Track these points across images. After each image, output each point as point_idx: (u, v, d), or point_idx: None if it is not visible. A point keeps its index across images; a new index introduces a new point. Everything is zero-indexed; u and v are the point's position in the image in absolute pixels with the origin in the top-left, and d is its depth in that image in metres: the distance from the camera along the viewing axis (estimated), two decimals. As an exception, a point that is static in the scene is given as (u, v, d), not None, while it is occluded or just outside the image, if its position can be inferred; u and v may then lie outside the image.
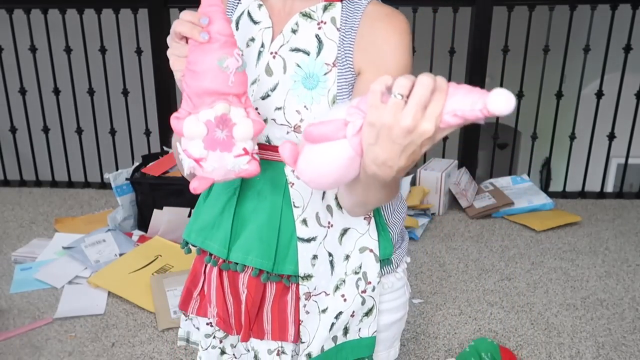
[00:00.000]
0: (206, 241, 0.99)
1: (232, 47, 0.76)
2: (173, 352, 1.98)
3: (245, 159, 0.78)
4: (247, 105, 0.78)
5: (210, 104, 0.76)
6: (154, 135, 3.43)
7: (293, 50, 0.89)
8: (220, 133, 0.76)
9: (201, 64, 0.76)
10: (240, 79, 0.77)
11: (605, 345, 2.03)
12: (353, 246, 0.96)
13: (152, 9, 3.21)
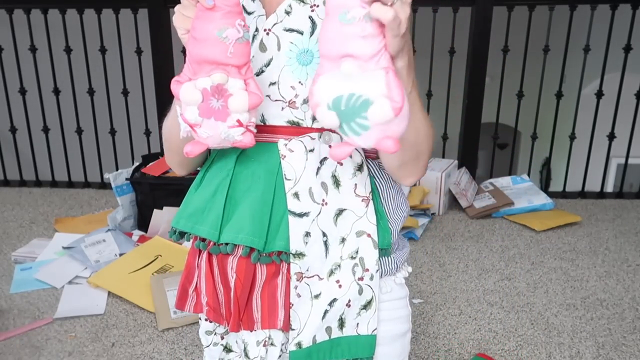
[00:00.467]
0: (196, 226, 0.95)
1: (234, 17, 0.75)
2: (173, 352, 1.98)
3: (239, 130, 0.78)
4: (246, 77, 0.78)
5: (208, 72, 0.76)
6: (154, 135, 3.43)
7: (287, 30, 0.89)
8: (216, 102, 0.77)
9: (202, 32, 0.76)
10: (241, 50, 0.76)
11: (605, 345, 2.03)
12: (349, 229, 0.91)
13: (152, 9, 3.21)
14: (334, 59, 0.69)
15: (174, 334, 2.06)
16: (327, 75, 0.70)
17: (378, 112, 0.68)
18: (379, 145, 0.70)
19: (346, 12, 0.67)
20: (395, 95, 0.67)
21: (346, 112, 0.69)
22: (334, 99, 0.69)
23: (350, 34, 0.67)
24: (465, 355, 1.97)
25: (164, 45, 3.27)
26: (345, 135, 0.71)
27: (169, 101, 0.98)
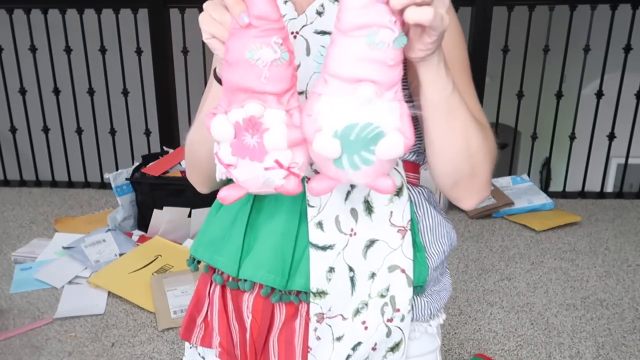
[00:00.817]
0: (214, 256, 0.86)
1: (270, 34, 0.63)
2: (173, 352, 1.98)
3: (278, 173, 0.65)
4: (290, 107, 0.65)
5: (241, 103, 0.65)
6: (154, 135, 3.42)
7: (318, 33, 0.79)
8: (250, 139, 0.64)
9: (233, 53, 0.64)
10: (280, 74, 0.64)
11: (605, 345, 2.03)
12: (381, 263, 0.80)
13: (152, 9, 3.21)
14: (348, 80, 0.61)
15: (174, 334, 2.06)
16: (337, 98, 0.61)
17: (389, 147, 0.61)
18: (377, 183, 0.63)
19: (375, 34, 0.59)
20: (408, 131, 0.61)
21: (353, 143, 0.61)
22: (346, 126, 0.60)
23: (376, 59, 0.60)
24: (465, 355, 1.97)
25: (164, 45, 3.27)
26: (339, 168, 0.63)
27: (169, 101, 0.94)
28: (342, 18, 0.61)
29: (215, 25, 0.67)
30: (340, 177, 0.63)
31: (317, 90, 0.63)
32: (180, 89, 3.38)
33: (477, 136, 0.73)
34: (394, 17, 0.59)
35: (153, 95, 3.35)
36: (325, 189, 0.65)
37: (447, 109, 0.69)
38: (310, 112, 0.63)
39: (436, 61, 0.66)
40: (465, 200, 0.79)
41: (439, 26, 0.60)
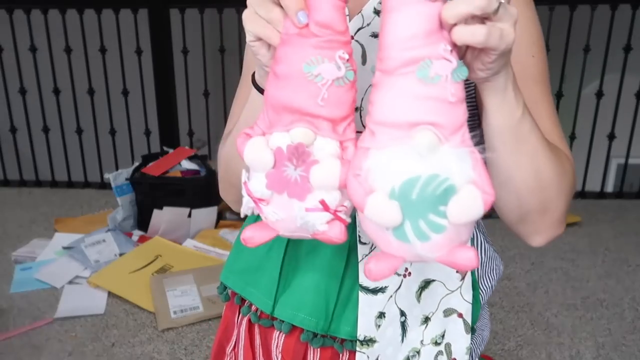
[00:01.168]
0: (248, 288, 0.77)
1: (334, 47, 0.52)
2: (173, 352, 1.98)
3: (322, 216, 0.53)
4: (344, 138, 0.53)
5: (287, 125, 0.53)
6: (154, 135, 3.42)
7: (375, 37, 0.66)
8: (292, 170, 0.52)
9: (285, 64, 0.53)
10: (340, 96, 0.52)
11: (605, 345, 2.03)
12: (436, 306, 0.71)
13: (152, 9, 3.21)
14: (400, 126, 0.49)
15: (174, 334, 2.06)
16: (389, 149, 0.49)
17: (465, 205, 0.47)
18: (454, 257, 0.49)
19: (427, 67, 0.48)
20: (485, 183, 0.48)
21: (417, 204, 0.47)
22: (404, 181, 0.47)
23: (432, 96, 0.49)
24: (465, 355, 1.97)
25: (164, 45, 3.27)
26: (402, 240, 0.49)
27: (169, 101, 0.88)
28: (384, 57, 0.50)
29: (262, 24, 0.54)
30: (405, 252, 0.50)
31: (363, 144, 0.51)
32: (180, 89, 3.38)
33: (550, 168, 0.61)
34: (449, 45, 0.49)
35: (153, 95, 3.35)
36: (387, 271, 0.51)
37: (514, 137, 0.58)
38: (357, 170, 0.50)
39: (503, 82, 0.55)
40: (533, 237, 0.68)
41: (498, 45, 0.49)
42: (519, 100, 0.57)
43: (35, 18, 3.21)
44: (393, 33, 0.49)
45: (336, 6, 0.52)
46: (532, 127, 0.59)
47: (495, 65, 0.52)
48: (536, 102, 0.68)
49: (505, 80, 0.55)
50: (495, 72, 0.53)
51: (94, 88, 3.33)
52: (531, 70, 0.69)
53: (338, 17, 0.52)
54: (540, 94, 0.70)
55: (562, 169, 0.64)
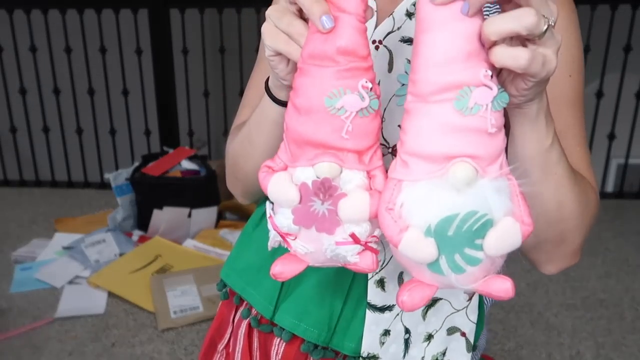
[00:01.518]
0: (248, 288, 0.75)
1: (356, 75, 0.49)
2: (173, 352, 1.98)
3: (352, 248, 0.51)
4: (371, 167, 0.51)
5: (311, 160, 0.50)
6: (154, 135, 3.42)
7: (405, 42, 0.63)
8: (320, 205, 0.50)
9: (304, 96, 0.50)
10: (365, 127, 0.50)
11: (605, 345, 2.03)
12: (440, 324, 0.70)
13: (152, 9, 3.21)
14: (437, 159, 0.46)
15: (174, 334, 2.06)
16: (424, 183, 0.47)
17: (502, 239, 0.45)
18: (490, 288, 0.48)
19: (466, 95, 0.45)
20: (524, 213, 0.47)
21: (453, 240, 0.46)
22: (442, 219, 0.45)
23: (471, 128, 0.46)
24: (465, 355, 1.97)
25: (164, 45, 3.27)
26: (437, 273, 0.48)
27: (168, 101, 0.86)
28: (418, 80, 0.47)
29: (283, 39, 0.51)
30: (439, 283, 0.49)
31: (395, 175, 0.48)
32: (180, 89, 3.38)
33: (573, 200, 0.59)
34: (489, 70, 0.45)
35: (153, 95, 3.35)
36: (420, 302, 0.49)
37: (540, 167, 0.55)
38: (390, 204, 0.48)
39: (535, 110, 0.51)
40: (545, 266, 0.66)
41: (539, 72, 0.45)
42: (549, 128, 0.53)
43: (35, 18, 3.21)
44: (429, 56, 0.46)
45: (359, 29, 0.49)
46: (559, 157, 0.56)
47: (531, 93, 0.48)
48: (568, 127, 0.65)
49: (538, 108, 0.51)
50: (529, 99, 0.49)
51: (94, 88, 3.33)
52: (567, 91, 0.65)
53: (361, 41, 0.49)
54: (573, 118, 0.66)
55: (586, 201, 0.61)
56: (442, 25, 0.45)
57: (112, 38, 3.22)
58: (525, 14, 0.43)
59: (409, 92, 0.48)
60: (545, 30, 0.44)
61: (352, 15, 0.48)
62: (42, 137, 3.42)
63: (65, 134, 3.45)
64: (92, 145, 3.41)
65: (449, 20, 0.45)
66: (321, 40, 0.49)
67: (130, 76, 3.34)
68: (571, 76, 0.66)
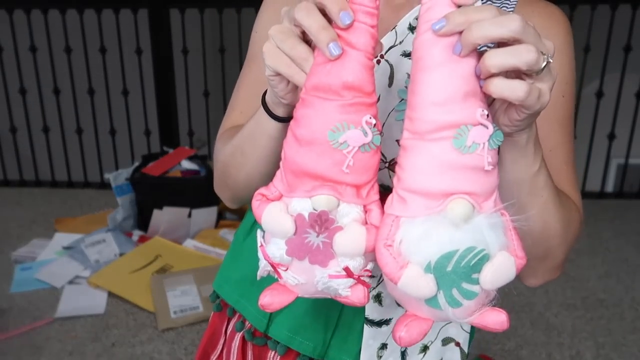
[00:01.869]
0: (242, 300, 0.74)
1: (360, 111, 0.49)
2: (173, 352, 1.98)
3: (345, 282, 0.51)
4: (368, 202, 0.51)
5: (309, 191, 0.50)
6: (154, 135, 3.42)
7: (407, 56, 0.63)
8: (315, 237, 0.50)
9: (306, 128, 0.49)
10: (366, 162, 0.50)
11: (605, 345, 2.03)
12: (435, 335, 0.72)
13: (152, 9, 3.21)
14: (435, 196, 0.47)
15: (174, 334, 2.06)
16: (422, 219, 0.47)
17: (498, 273, 0.47)
18: (485, 320, 0.49)
19: (464, 134, 0.46)
20: (517, 248, 0.48)
21: (451, 275, 0.47)
22: (441, 255, 0.46)
23: (468, 165, 0.47)
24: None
25: (164, 45, 3.27)
26: (434, 307, 0.48)
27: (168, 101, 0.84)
28: (416, 118, 0.47)
29: (285, 62, 0.50)
30: (436, 317, 0.49)
31: (392, 211, 0.49)
32: (180, 89, 3.38)
33: (557, 220, 0.60)
34: (485, 110, 0.46)
35: (153, 95, 3.35)
36: (418, 337, 0.50)
37: (527, 191, 0.57)
38: (389, 240, 0.48)
39: (525, 139, 0.53)
40: (528, 279, 0.68)
41: (534, 105, 0.47)
42: (537, 155, 0.55)
43: (35, 18, 3.21)
44: (427, 95, 0.47)
45: (366, 66, 0.48)
46: (546, 181, 0.57)
47: (523, 124, 0.50)
48: (558, 145, 0.67)
49: (528, 137, 0.53)
50: (520, 129, 0.51)
51: (94, 88, 3.33)
52: (559, 111, 0.67)
53: (367, 77, 0.49)
54: (562, 137, 0.68)
55: (569, 220, 0.63)
56: (440, 64, 0.46)
57: (112, 38, 3.22)
58: (526, 51, 0.43)
59: (406, 128, 0.48)
60: (543, 67, 0.45)
61: (360, 52, 0.48)
62: (42, 137, 3.42)
63: (65, 134, 3.45)
64: (92, 145, 3.41)
65: (446, 60, 0.46)
66: (326, 73, 0.48)
67: (130, 76, 3.34)
68: (564, 97, 0.67)
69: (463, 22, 0.44)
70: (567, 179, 0.68)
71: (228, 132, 0.73)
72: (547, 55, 0.45)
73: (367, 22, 0.49)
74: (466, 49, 0.45)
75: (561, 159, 0.68)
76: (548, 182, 0.58)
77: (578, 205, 0.67)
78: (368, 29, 0.49)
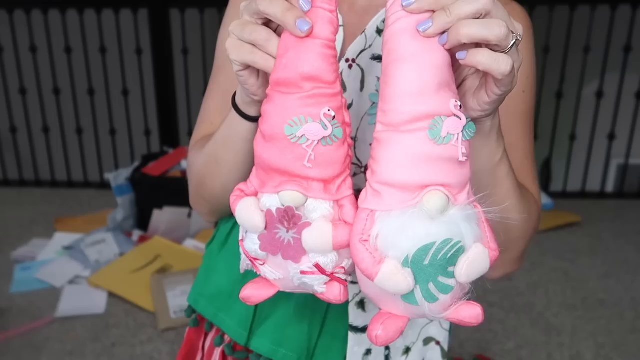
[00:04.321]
0: (220, 314, 0.72)
1: (319, 103, 0.48)
2: (173, 352, 1.98)
3: (317, 278, 0.51)
4: (339, 197, 0.50)
5: (276, 187, 0.50)
6: (154, 135, 3.43)
7: (376, 59, 0.63)
8: (285, 233, 0.50)
9: (268, 123, 0.49)
10: (329, 156, 0.49)
11: (605, 345, 2.03)
12: (417, 336, 0.71)
13: (152, 9, 3.21)
14: (411, 188, 0.46)
15: (174, 334, 2.06)
16: (398, 213, 0.46)
17: (473, 265, 0.47)
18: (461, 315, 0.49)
19: (438, 126, 0.45)
20: (491, 240, 0.48)
21: (428, 269, 0.46)
22: (419, 249, 0.45)
23: (443, 157, 0.46)
24: (465, 355, 1.97)
25: (164, 45, 3.27)
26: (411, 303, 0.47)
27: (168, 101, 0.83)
28: (390, 110, 0.47)
29: (248, 49, 0.49)
30: (412, 313, 0.49)
31: (367, 205, 0.48)
32: (180, 89, 3.38)
33: (517, 212, 0.61)
34: (458, 101, 0.46)
35: (153, 95, 3.35)
36: (394, 335, 0.49)
37: (488, 180, 0.57)
38: (364, 236, 0.47)
39: (488, 127, 0.53)
40: (489, 272, 0.68)
41: (507, 84, 0.47)
42: (499, 144, 0.55)
43: (36, 18, 3.21)
44: (401, 86, 0.46)
45: (325, 55, 0.48)
46: (508, 172, 0.58)
47: (491, 108, 0.49)
48: (518, 140, 0.68)
49: (492, 125, 0.53)
50: (486, 114, 0.51)
51: (94, 88, 3.33)
52: (520, 106, 0.68)
53: (326, 66, 0.48)
54: (523, 132, 0.69)
55: (529, 213, 0.63)
56: (414, 56, 0.46)
57: (112, 38, 3.22)
58: (496, 24, 0.44)
59: (379, 121, 0.48)
60: (512, 45, 0.45)
61: (319, 40, 0.47)
62: (42, 137, 3.42)
63: (65, 134, 3.45)
64: (92, 145, 3.41)
65: (420, 52, 0.46)
66: (284, 67, 0.48)
67: (130, 76, 3.34)
68: (524, 92, 0.68)
69: (433, 2, 0.44)
70: (527, 173, 0.69)
71: (200, 143, 0.71)
72: (516, 34, 0.45)
73: (325, 6, 0.47)
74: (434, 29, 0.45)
75: (522, 154, 0.69)
76: (510, 173, 0.58)
77: (537, 199, 0.68)
78: (326, 14, 0.48)
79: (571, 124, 3.34)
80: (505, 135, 0.58)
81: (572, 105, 3.35)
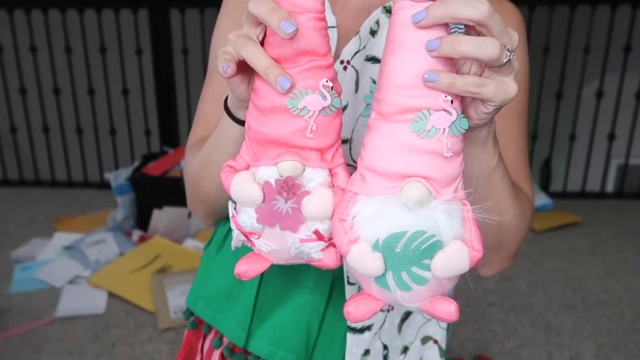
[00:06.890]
0: (218, 316, 0.73)
1: (317, 74, 0.49)
2: (173, 352, 1.98)
3: (317, 245, 0.52)
4: (333, 165, 0.52)
5: (274, 159, 0.51)
6: (154, 135, 3.43)
7: (369, 60, 0.64)
8: (283, 203, 0.50)
9: (266, 98, 0.50)
10: (328, 125, 0.50)
11: (605, 345, 2.03)
12: (414, 335, 0.73)
13: (152, 9, 3.21)
14: (392, 176, 0.47)
15: (174, 334, 2.06)
16: (377, 198, 0.47)
17: (449, 261, 0.47)
18: (434, 308, 0.50)
19: (424, 119, 0.46)
20: (474, 240, 0.48)
21: (400, 257, 0.47)
22: (390, 235, 0.46)
23: (426, 150, 0.47)
24: (465, 355, 1.97)
25: (164, 45, 3.27)
26: (383, 287, 0.49)
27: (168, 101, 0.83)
28: (382, 99, 0.48)
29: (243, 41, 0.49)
30: (385, 298, 0.50)
31: (352, 187, 0.49)
32: (180, 89, 3.38)
33: (512, 213, 0.62)
34: (449, 96, 0.46)
35: (153, 95, 3.35)
36: (365, 314, 0.50)
37: (485, 184, 0.58)
38: (343, 215, 0.49)
39: (485, 134, 0.54)
40: (482, 269, 0.70)
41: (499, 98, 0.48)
42: (495, 150, 0.56)
43: (36, 18, 3.21)
44: (394, 77, 0.47)
45: (317, 28, 0.49)
46: (503, 176, 0.59)
47: (488, 117, 0.50)
48: (512, 139, 0.68)
49: (488, 132, 0.54)
50: (485, 123, 0.51)
51: (94, 88, 3.33)
52: (513, 105, 0.68)
53: (320, 39, 0.49)
54: (517, 131, 0.70)
55: (522, 212, 0.64)
56: (408, 49, 0.46)
57: (112, 38, 3.22)
58: (490, 45, 0.44)
59: (373, 109, 0.49)
60: (505, 63, 0.46)
61: (309, 13, 0.48)
62: (42, 137, 3.42)
63: (65, 134, 3.45)
64: (92, 145, 3.41)
65: (414, 45, 0.46)
66: (278, 44, 0.49)
67: (130, 76, 3.34)
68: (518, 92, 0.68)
69: None
70: (521, 171, 0.70)
71: (195, 146, 0.72)
72: (510, 53, 0.46)
73: None
74: (428, 21, 0.44)
75: (515, 153, 0.69)
76: (505, 176, 0.59)
77: (530, 198, 0.69)
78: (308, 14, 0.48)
79: (571, 124, 3.34)
80: (499, 134, 0.59)
81: (572, 105, 3.35)
